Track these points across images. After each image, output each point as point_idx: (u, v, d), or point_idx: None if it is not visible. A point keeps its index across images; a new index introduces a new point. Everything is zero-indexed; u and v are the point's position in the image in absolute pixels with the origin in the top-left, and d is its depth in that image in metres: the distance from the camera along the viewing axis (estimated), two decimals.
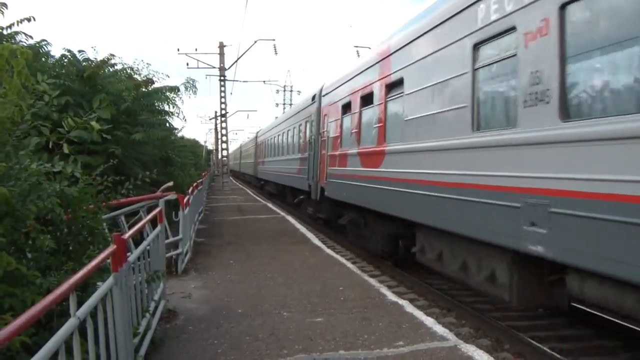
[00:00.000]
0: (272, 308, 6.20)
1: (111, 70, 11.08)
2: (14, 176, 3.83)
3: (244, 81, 53.52)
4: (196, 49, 31.31)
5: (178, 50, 30.92)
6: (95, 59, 10.57)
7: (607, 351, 5.70)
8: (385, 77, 9.05)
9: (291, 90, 62.84)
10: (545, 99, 4.90)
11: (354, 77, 11.08)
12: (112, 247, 3.52)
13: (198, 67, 31.52)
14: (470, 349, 4.79)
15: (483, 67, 6.09)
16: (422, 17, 7.99)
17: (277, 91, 61.95)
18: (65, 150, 6.47)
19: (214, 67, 31.34)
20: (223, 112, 32.40)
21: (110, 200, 5.15)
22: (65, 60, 10.06)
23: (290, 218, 16.28)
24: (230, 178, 45.52)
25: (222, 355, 4.69)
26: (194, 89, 12.58)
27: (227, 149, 34.36)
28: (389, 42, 9.12)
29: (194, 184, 13.45)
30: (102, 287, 3.25)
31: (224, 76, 31.34)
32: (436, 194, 6.90)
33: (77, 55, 10.25)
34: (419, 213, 7.60)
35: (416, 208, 7.61)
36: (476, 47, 6.13)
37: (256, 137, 38.37)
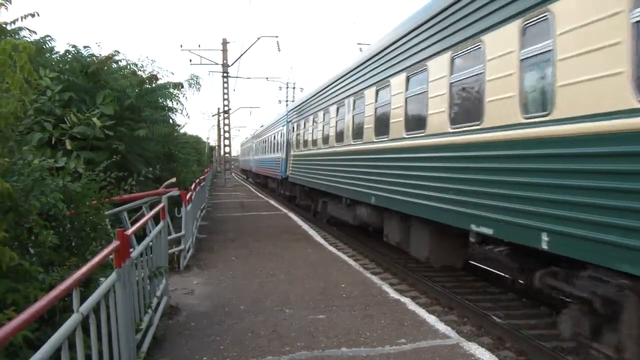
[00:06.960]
0: (274, 305, 6.21)
1: (115, 66, 11.07)
2: (17, 171, 3.83)
3: (247, 78, 53.40)
4: (199, 45, 31.33)
5: (181, 46, 30.85)
6: (100, 54, 10.56)
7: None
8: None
9: (294, 87, 62.60)
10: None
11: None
12: (115, 243, 3.52)
13: (201, 64, 31.33)
14: (472, 347, 4.78)
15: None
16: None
17: (280, 88, 61.93)
18: (68, 146, 6.47)
19: (217, 64, 31.27)
20: (226, 108, 32.38)
21: (113, 196, 5.15)
22: (69, 55, 10.05)
23: (292, 215, 16.29)
24: (233, 175, 45.48)
25: (224, 351, 4.70)
26: (197, 86, 12.58)
27: (229, 145, 34.36)
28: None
29: (197, 180, 13.46)
30: (105, 283, 3.25)
31: (227, 73, 31.29)
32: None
33: (82, 50, 10.24)
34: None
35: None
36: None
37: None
